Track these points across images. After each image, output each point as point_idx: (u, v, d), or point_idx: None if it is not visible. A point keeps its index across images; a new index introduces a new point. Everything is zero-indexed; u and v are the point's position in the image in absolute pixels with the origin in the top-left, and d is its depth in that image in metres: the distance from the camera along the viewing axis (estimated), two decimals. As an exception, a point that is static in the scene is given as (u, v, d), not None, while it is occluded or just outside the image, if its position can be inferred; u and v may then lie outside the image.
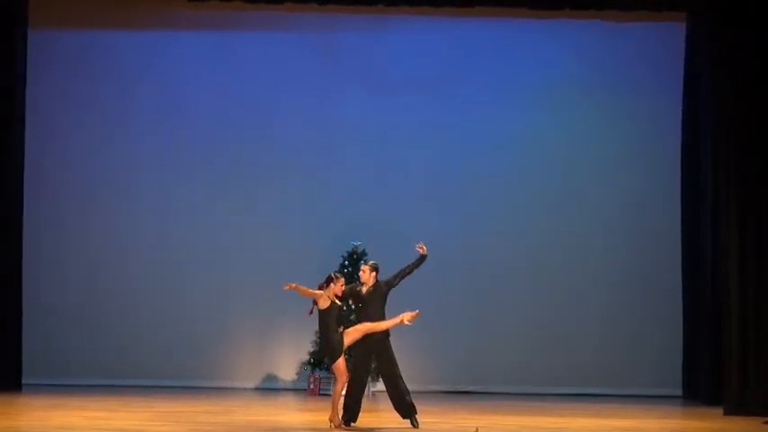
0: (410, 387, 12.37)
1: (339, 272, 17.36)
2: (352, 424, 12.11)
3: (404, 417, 12.25)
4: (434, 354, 17.74)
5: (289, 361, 17.91)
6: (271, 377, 18.00)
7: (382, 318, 12.19)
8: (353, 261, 17.42)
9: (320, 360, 17.07)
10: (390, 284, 12.30)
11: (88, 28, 18.29)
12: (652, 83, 18.20)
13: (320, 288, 12.08)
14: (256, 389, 17.85)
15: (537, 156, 18.28)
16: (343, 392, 12.15)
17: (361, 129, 18.27)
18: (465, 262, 17.97)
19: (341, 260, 17.42)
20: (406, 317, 12.06)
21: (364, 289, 12.30)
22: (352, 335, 12.01)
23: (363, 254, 17.42)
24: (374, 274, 12.31)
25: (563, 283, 18.05)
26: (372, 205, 18.00)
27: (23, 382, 16.77)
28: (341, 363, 11.97)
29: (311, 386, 17.21)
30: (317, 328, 17.37)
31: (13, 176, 16.79)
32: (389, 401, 12.32)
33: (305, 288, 11.99)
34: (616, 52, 18.31)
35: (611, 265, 18.09)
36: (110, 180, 18.14)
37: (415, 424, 12.13)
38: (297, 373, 17.93)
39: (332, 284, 12.09)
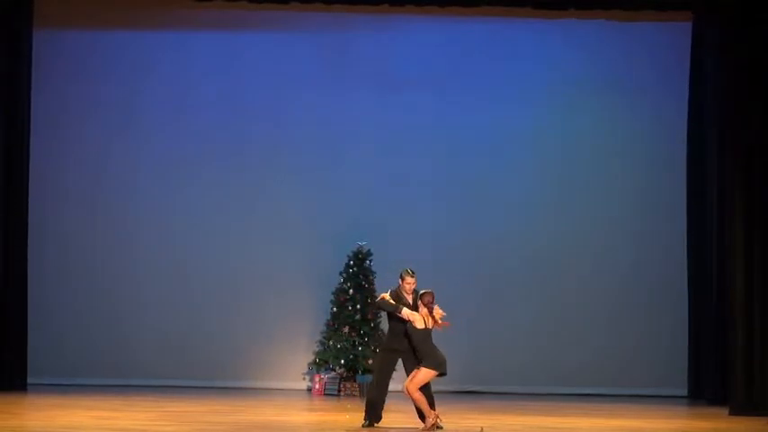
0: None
1: (342, 272, 17.47)
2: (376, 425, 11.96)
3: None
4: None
5: (295, 361, 17.90)
6: (276, 377, 17.96)
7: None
8: (359, 261, 17.42)
9: (326, 360, 17.08)
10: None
11: (93, 28, 18.28)
12: (657, 82, 18.14)
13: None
14: (262, 389, 17.82)
15: (541, 156, 18.23)
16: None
17: (365, 128, 18.22)
18: (470, 261, 17.94)
19: (346, 260, 17.43)
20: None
21: None
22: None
23: (369, 254, 17.42)
24: None
25: (568, 283, 18.01)
26: (377, 205, 17.97)
27: (29, 381, 16.77)
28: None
29: (316, 386, 17.21)
30: (322, 328, 17.65)
31: (19, 176, 16.78)
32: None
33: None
34: (621, 52, 18.23)
35: (616, 265, 18.04)
36: (115, 180, 18.12)
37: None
38: (303, 374, 17.92)
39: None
